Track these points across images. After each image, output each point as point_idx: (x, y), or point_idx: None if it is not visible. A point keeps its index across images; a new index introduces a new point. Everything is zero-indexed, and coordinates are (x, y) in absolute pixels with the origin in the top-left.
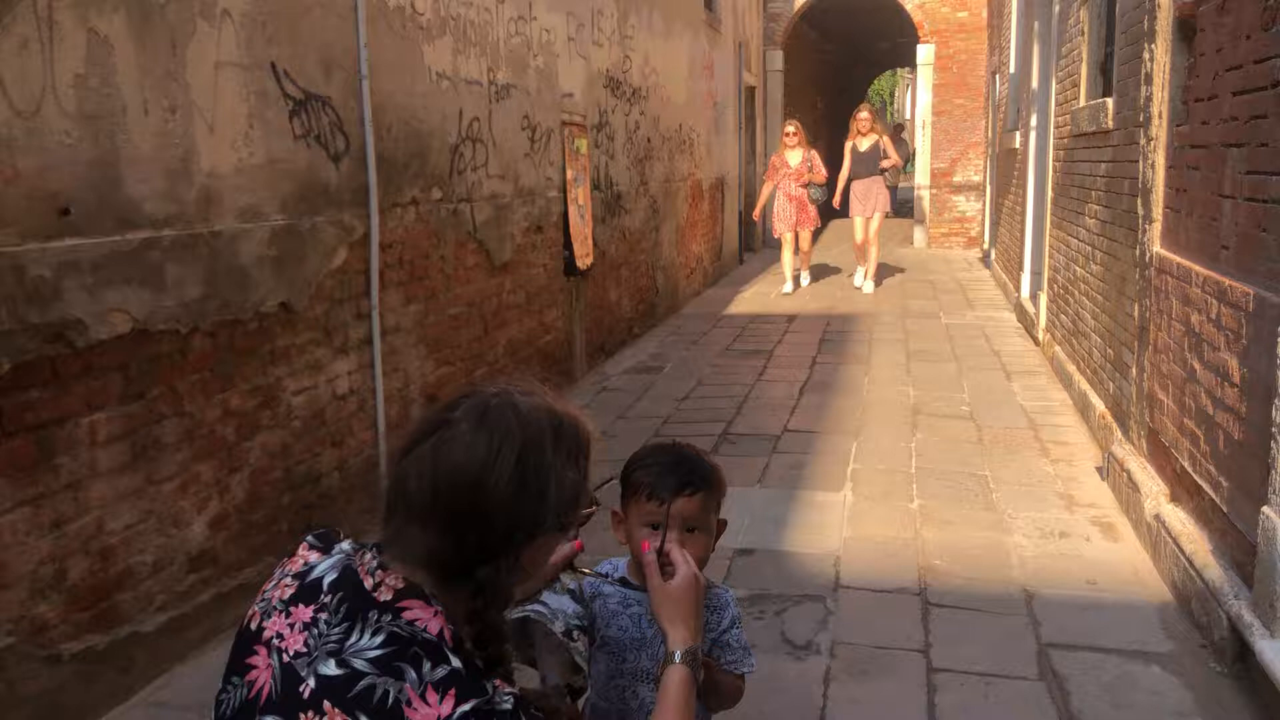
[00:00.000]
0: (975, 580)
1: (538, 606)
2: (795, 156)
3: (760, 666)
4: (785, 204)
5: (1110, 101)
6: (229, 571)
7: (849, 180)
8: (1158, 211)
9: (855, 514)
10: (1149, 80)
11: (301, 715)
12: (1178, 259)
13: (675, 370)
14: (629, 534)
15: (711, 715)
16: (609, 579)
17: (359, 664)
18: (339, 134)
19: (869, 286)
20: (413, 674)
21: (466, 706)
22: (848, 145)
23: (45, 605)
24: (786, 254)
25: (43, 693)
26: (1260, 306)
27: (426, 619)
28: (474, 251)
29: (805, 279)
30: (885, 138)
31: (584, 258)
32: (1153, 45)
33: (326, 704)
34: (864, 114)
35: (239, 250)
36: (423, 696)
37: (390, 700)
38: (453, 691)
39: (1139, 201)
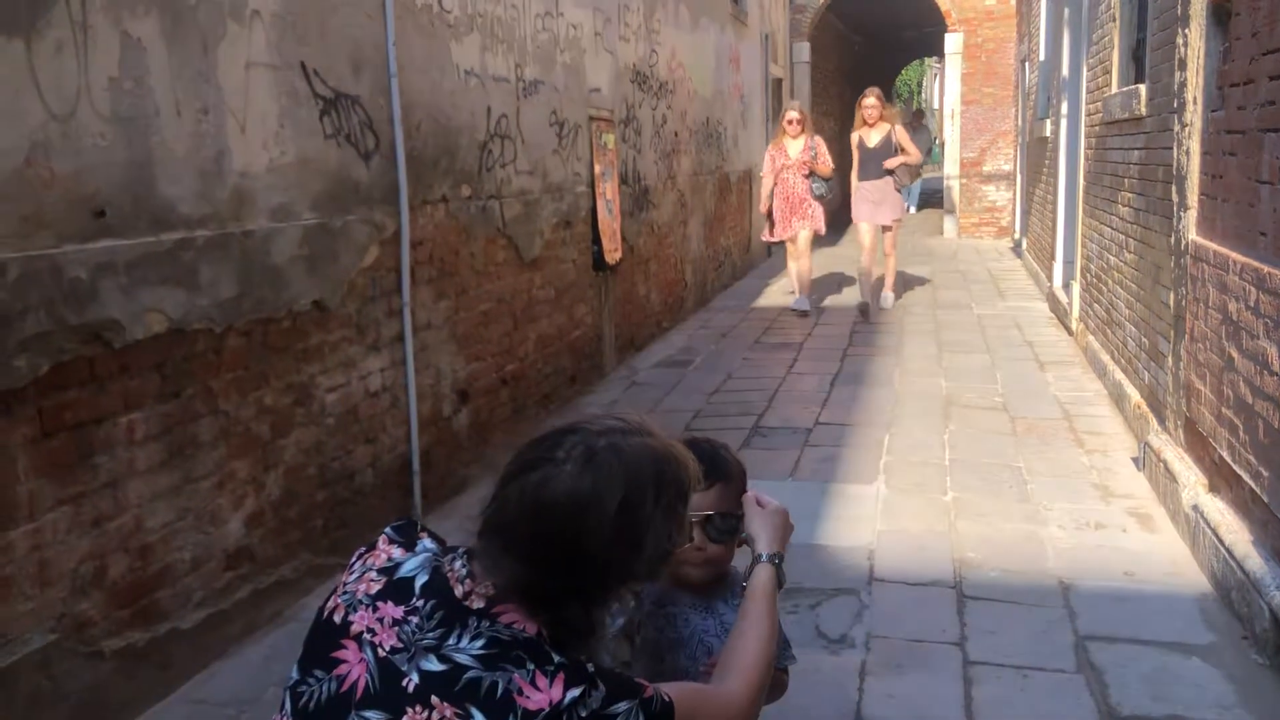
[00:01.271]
0: (1010, 572)
1: None
2: (796, 146)
3: (797, 658)
4: (781, 204)
5: (1143, 88)
6: (266, 568)
7: (858, 180)
8: (1193, 199)
9: (888, 507)
10: (1183, 65)
11: (409, 710)
12: (1214, 246)
13: (705, 363)
14: None
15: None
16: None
17: (463, 659)
18: (369, 132)
19: (888, 296)
20: (520, 668)
21: (576, 691)
22: (854, 138)
23: (86, 602)
24: (793, 264)
25: (85, 689)
26: None
27: (523, 622)
28: (503, 248)
29: (804, 303)
30: (899, 127)
31: (612, 252)
32: (1186, 30)
33: (434, 698)
34: (870, 100)
35: (271, 249)
36: (533, 683)
37: (500, 690)
38: (561, 676)
39: (1173, 189)
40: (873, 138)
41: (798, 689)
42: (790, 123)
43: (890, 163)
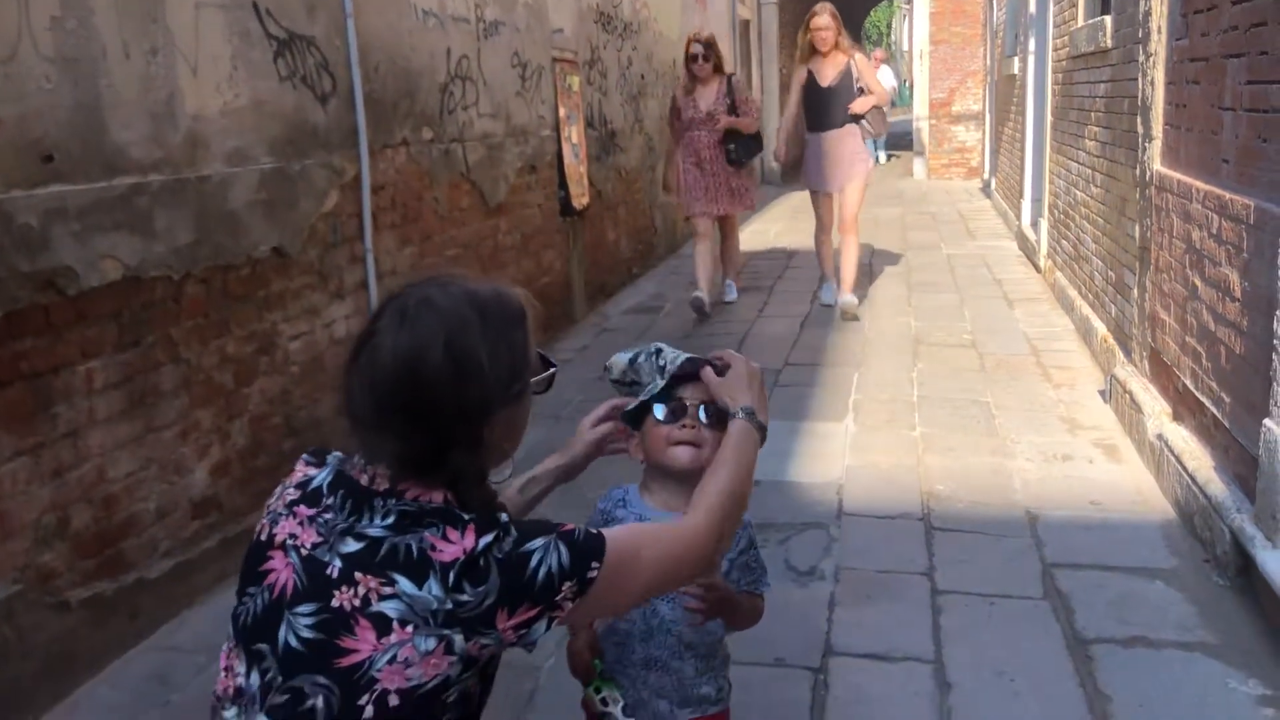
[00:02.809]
0: (978, 504)
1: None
2: (707, 95)
3: (765, 594)
4: (695, 173)
5: (1108, 19)
6: (234, 517)
7: (807, 131)
8: (1158, 129)
9: (857, 443)
10: None
11: (336, 593)
12: (1178, 176)
13: (675, 309)
14: (646, 446)
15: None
16: (625, 505)
17: (376, 532)
18: (325, 74)
19: (848, 299)
20: (430, 529)
21: (489, 537)
22: (799, 76)
23: (50, 554)
24: (701, 249)
25: (52, 639)
26: (1261, 218)
27: (427, 493)
28: (467, 193)
29: (733, 291)
30: (859, 57)
31: (580, 197)
32: None
33: (357, 574)
34: (823, 20)
35: (228, 195)
36: (444, 537)
37: (415, 550)
38: (472, 527)
39: (1138, 120)
40: (827, 72)
41: (767, 620)
42: (695, 60)
43: (857, 105)
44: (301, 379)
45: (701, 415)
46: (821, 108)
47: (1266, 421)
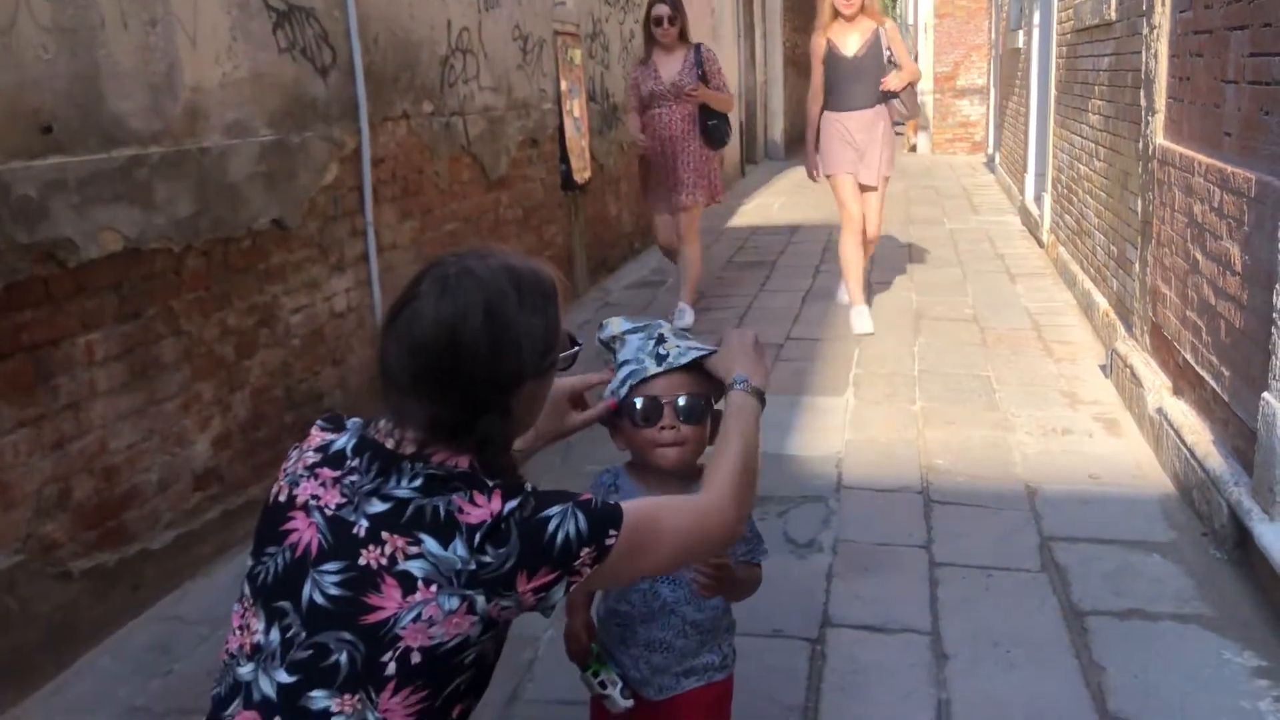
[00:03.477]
0: (977, 478)
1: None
2: (671, 65)
3: (763, 566)
4: (658, 156)
5: None
6: (235, 489)
7: (827, 110)
8: (1160, 102)
9: (857, 417)
10: None
11: (363, 552)
12: (1180, 149)
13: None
14: (629, 440)
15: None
16: (617, 490)
17: (403, 494)
18: (325, 46)
19: (864, 323)
20: (457, 493)
21: (514, 502)
22: (818, 45)
23: (52, 524)
24: (672, 252)
25: (55, 609)
26: (1262, 191)
27: (454, 458)
28: (468, 166)
29: (688, 316)
30: (890, 25)
31: (581, 171)
32: None
33: (384, 534)
34: None
35: (228, 167)
36: (471, 501)
37: (443, 512)
38: (499, 492)
39: (1141, 93)
40: (851, 41)
41: (765, 592)
42: (659, 24)
43: (891, 81)
44: (302, 352)
45: (679, 412)
46: (845, 83)
47: (1265, 395)
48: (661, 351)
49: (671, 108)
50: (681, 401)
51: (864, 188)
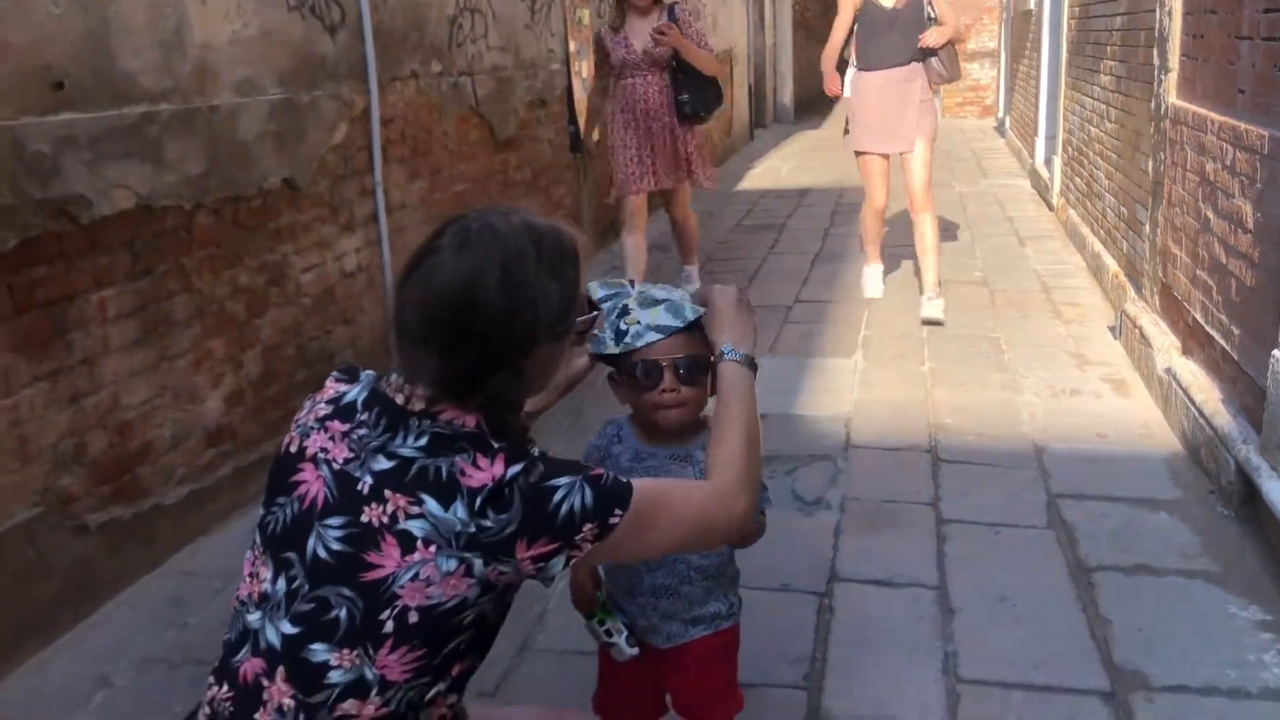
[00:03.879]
0: (985, 437)
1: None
2: (644, 30)
3: (771, 521)
4: (631, 134)
5: None
6: (247, 446)
7: (857, 69)
8: (1174, 60)
9: (866, 378)
10: None
11: (366, 509)
12: (1194, 108)
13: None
14: (631, 398)
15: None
16: (620, 440)
17: (408, 453)
18: (334, 4)
19: (934, 306)
20: (461, 454)
21: (517, 467)
22: None
23: (68, 478)
24: (631, 245)
25: (73, 562)
26: (1275, 148)
27: (462, 417)
28: (477, 126)
29: (695, 281)
30: None
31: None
32: None
33: (387, 492)
34: None
35: (238, 125)
36: (474, 464)
37: (445, 473)
38: (502, 456)
39: (1155, 52)
40: None
41: (773, 548)
42: None
43: (931, 38)
44: (313, 310)
45: (679, 374)
46: (881, 36)
47: (1275, 352)
48: (622, 327)
49: (647, 78)
50: (681, 364)
51: (908, 148)
